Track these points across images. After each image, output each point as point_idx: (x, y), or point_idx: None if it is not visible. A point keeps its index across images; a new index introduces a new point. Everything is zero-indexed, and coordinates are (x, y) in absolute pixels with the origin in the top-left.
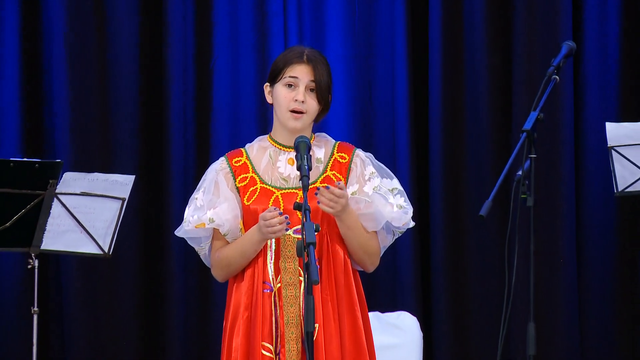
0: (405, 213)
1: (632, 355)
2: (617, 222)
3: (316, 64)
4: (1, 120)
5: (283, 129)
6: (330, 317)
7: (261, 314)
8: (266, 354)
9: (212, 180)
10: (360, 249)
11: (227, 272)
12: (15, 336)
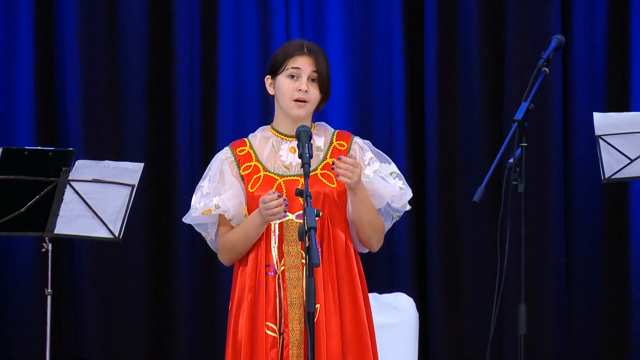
0: (404, 194)
1: (619, 333)
2: (604, 207)
3: (316, 55)
4: (17, 111)
5: (285, 118)
6: (330, 298)
7: (265, 296)
8: (270, 333)
9: (217, 169)
10: (370, 226)
11: (232, 256)
12: (30, 316)
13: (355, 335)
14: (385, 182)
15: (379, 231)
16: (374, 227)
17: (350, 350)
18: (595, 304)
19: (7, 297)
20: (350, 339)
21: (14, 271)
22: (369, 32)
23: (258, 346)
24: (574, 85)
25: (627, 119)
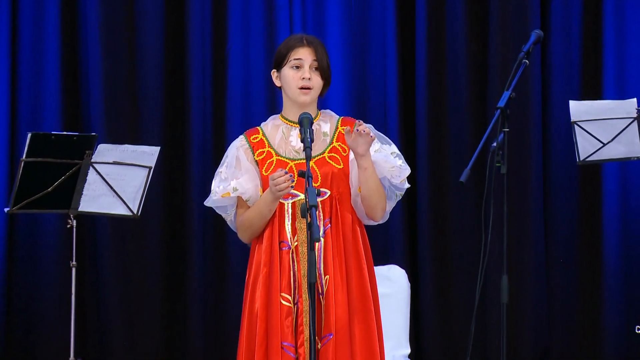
0: (403, 169)
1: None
2: (579, 187)
3: (315, 46)
4: (44, 99)
5: (292, 107)
6: (338, 270)
7: (279, 269)
8: (285, 303)
9: (233, 156)
10: (377, 191)
11: (250, 233)
12: (56, 286)
13: (360, 304)
14: (385, 160)
15: (382, 198)
16: (379, 194)
17: (356, 317)
18: (571, 275)
19: (36, 269)
20: (356, 307)
21: (42, 245)
22: (365, 27)
23: (273, 315)
24: (551, 75)
25: (600, 107)
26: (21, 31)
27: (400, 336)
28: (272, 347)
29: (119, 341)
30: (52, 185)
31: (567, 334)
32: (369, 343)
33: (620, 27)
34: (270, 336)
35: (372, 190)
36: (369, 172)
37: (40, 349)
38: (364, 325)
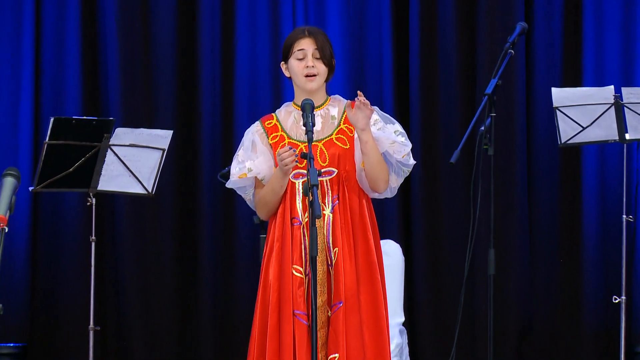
0: (404, 146)
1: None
2: (560, 167)
3: (316, 35)
4: (66, 86)
5: (302, 94)
6: (346, 242)
7: (291, 243)
8: (297, 274)
9: (249, 140)
10: (378, 164)
11: (267, 210)
12: (77, 259)
13: (367, 273)
14: (387, 136)
15: (383, 170)
16: (381, 167)
17: (363, 286)
18: (553, 249)
19: (58, 243)
20: (363, 276)
21: (64, 222)
22: (362, 20)
23: (286, 286)
24: (535, 64)
25: (580, 93)
26: (44, 23)
27: (395, 305)
28: (284, 314)
29: (135, 309)
30: (73, 166)
31: (549, 303)
32: (376, 309)
33: (599, 19)
34: (282, 304)
35: (373, 164)
36: (369, 145)
37: (63, 317)
38: (370, 293)
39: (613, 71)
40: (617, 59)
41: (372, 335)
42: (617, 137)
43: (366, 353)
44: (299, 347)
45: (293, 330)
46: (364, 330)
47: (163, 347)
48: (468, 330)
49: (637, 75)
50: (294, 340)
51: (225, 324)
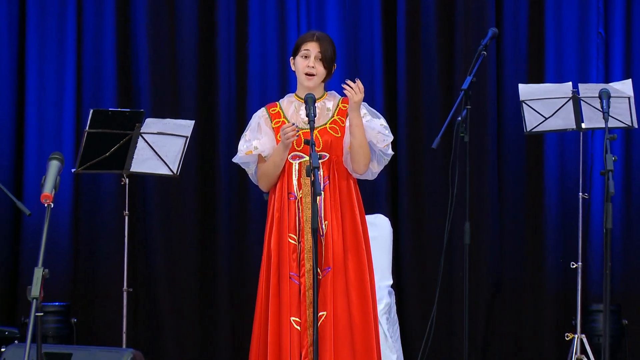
0: (387, 136)
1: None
2: (526, 151)
3: (322, 41)
4: (103, 82)
5: (302, 88)
6: (334, 216)
7: (287, 215)
8: (292, 242)
9: (256, 123)
10: (361, 147)
11: (267, 181)
12: (113, 231)
13: (353, 243)
14: (372, 128)
15: (365, 155)
16: (363, 150)
17: (350, 254)
18: (519, 221)
19: (97, 217)
20: (349, 245)
21: (101, 198)
22: (356, 25)
23: (283, 251)
24: (504, 64)
25: (543, 89)
26: (84, 26)
27: (384, 270)
28: (282, 276)
29: (162, 271)
30: (109, 151)
31: (516, 268)
32: (361, 275)
33: (558, 25)
34: (281, 267)
35: (357, 146)
36: (358, 128)
37: (100, 280)
38: (356, 260)
39: (571, 69)
40: (574, 59)
41: (357, 296)
42: (574, 126)
43: (352, 312)
44: (290, 304)
45: (289, 290)
46: (350, 292)
47: (186, 305)
48: (447, 291)
49: (591, 73)
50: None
51: (240, 281)
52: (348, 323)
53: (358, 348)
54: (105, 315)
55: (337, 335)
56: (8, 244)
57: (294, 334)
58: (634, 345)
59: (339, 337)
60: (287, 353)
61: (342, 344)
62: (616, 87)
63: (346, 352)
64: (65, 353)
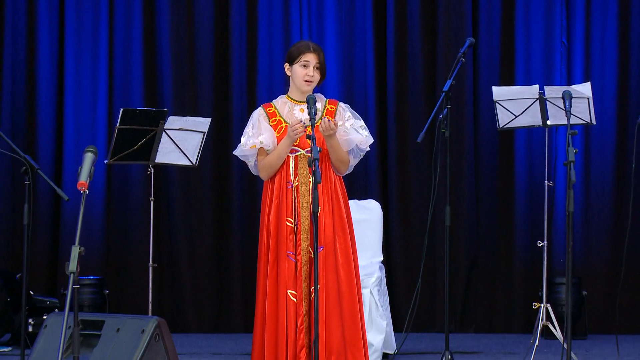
0: (368, 140)
1: (506, 224)
2: (499, 145)
3: (318, 52)
4: (131, 84)
5: (296, 91)
6: (326, 202)
7: (285, 201)
8: (289, 224)
9: (256, 120)
10: (338, 160)
11: (270, 172)
12: (140, 214)
13: (340, 227)
14: (356, 132)
15: (345, 163)
16: (341, 161)
17: (338, 236)
18: (493, 205)
19: (126, 201)
20: (338, 228)
21: (130, 186)
22: (351, 35)
23: (282, 232)
24: (480, 68)
25: (513, 90)
26: (115, 34)
27: (375, 248)
28: (280, 254)
29: (183, 249)
30: (137, 145)
31: (490, 246)
32: (347, 253)
33: (527, 33)
34: (279, 247)
35: (336, 160)
36: (334, 148)
37: (129, 256)
38: (344, 242)
39: (538, 74)
40: (540, 64)
41: (345, 272)
42: (540, 123)
43: (340, 286)
44: (287, 279)
45: (287, 266)
46: (339, 269)
47: (203, 278)
48: (430, 266)
49: (555, 76)
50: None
51: (250, 258)
52: (337, 295)
53: (346, 316)
54: (133, 288)
55: (328, 306)
56: (49, 225)
57: (290, 305)
58: (592, 313)
59: (330, 307)
60: (283, 321)
61: (332, 313)
62: (577, 89)
63: (335, 319)
64: (98, 320)
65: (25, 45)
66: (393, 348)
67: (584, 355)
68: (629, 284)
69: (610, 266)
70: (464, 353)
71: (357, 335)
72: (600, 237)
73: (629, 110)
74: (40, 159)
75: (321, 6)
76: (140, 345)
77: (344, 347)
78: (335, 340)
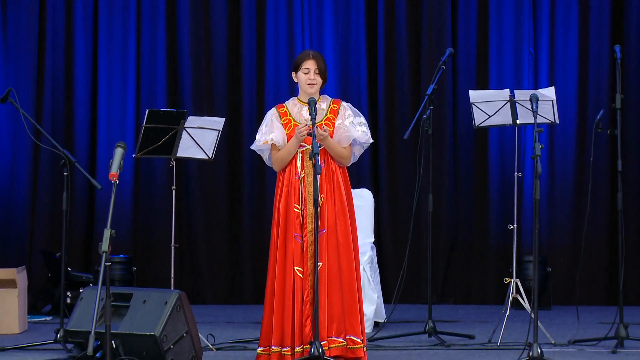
0: (366, 134)
1: (481, 209)
2: (475, 141)
3: (317, 58)
4: (156, 88)
5: (303, 94)
6: (328, 190)
7: (293, 190)
8: (296, 210)
9: (269, 119)
10: (336, 156)
11: (281, 165)
12: (163, 201)
13: (341, 212)
14: (355, 128)
15: (344, 158)
16: (340, 156)
17: (339, 220)
18: (470, 193)
19: (151, 191)
20: (339, 213)
21: (155, 176)
22: (347, 42)
23: (290, 217)
24: (458, 74)
25: (487, 93)
26: (142, 45)
27: (367, 231)
28: (288, 235)
29: (200, 232)
30: (160, 141)
31: (468, 229)
32: (347, 234)
33: (499, 44)
34: (287, 229)
35: (335, 156)
36: (330, 148)
37: (153, 237)
38: (344, 225)
39: (509, 79)
40: (511, 71)
41: (344, 251)
42: (511, 122)
43: (340, 263)
44: (294, 257)
45: (294, 246)
46: (339, 248)
47: (218, 257)
48: (415, 247)
49: (524, 81)
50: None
51: (259, 240)
52: (338, 271)
53: (345, 289)
54: (157, 265)
55: (329, 280)
56: (85, 211)
57: (297, 280)
58: (555, 287)
59: (331, 282)
60: (290, 294)
61: (333, 286)
62: (543, 92)
63: (336, 292)
64: (127, 293)
65: (63, 56)
66: (383, 317)
67: (548, 323)
68: (587, 262)
69: (571, 246)
70: (445, 322)
71: (354, 306)
72: (563, 221)
73: (587, 111)
74: (76, 153)
75: (320, 21)
76: (164, 314)
77: (343, 315)
78: (336, 310)
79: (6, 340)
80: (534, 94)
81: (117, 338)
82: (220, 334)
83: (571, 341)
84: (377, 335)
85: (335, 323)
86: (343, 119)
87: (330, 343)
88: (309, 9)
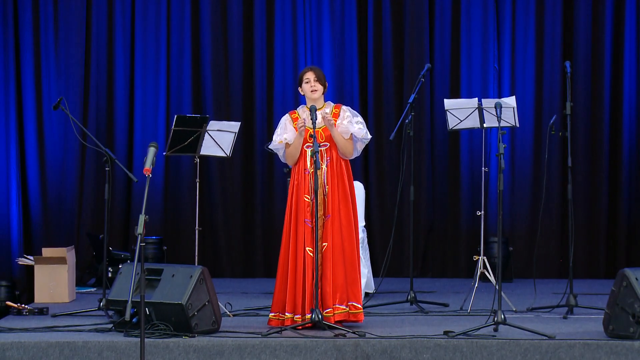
0: (362, 130)
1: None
2: (449, 142)
3: (314, 69)
4: (183, 95)
5: (310, 102)
6: (334, 182)
7: (304, 183)
8: (307, 200)
9: (283, 123)
10: (343, 147)
11: (292, 159)
12: (188, 192)
13: (344, 200)
14: (354, 126)
15: (348, 148)
16: (345, 148)
17: (342, 206)
18: (445, 185)
19: (178, 183)
20: (342, 201)
21: (181, 171)
22: (342, 49)
23: (300, 206)
24: (435, 85)
25: (459, 102)
26: (171, 57)
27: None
28: (300, 221)
29: (220, 217)
30: (187, 141)
31: (442, 215)
32: (348, 218)
33: (469, 60)
34: (299, 216)
35: (340, 147)
36: (337, 137)
37: (181, 222)
38: (345, 210)
39: (477, 90)
40: (479, 83)
41: (346, 233)
42: (479, 126)
43: (343, 243)
44: (305, 239)
45: (304, 230)
46: (343, 231)
47: (235, 238)
48: (399, 229)
49: (490, 92)
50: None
51: (268, 222)
52: (341, 249)
53: (347, 264)
54: (184, 245)
55: (334, 257)
56: (123, 200)
57: (308, 258)
58: (516, 264)
59: (335, 258)
60: (301, 270)
61: (337, 262)
62: (505, 101)
63: (340, 267)
64: (158, 268)
65: (105, 70)
66: (372, 289)
67: (510, 294)
68: (543, 242)
69: (529, 229)
70: (424, 292)
71: (355, 278)
72: (522, 208)
73: (542, 116)
74: (116, 151)
75: (320, 42)
76: (189, 286)
77: (346, 285)
78: (339, 281)
79: (58, 307)
80: (498, 102)
81: (150, 306)
82: (236, 303)
83: (529, 309)
84: (367, 304)
85: (339, 293)
86: (342, 119)
87: (335, 310)
88: (310, 32)
